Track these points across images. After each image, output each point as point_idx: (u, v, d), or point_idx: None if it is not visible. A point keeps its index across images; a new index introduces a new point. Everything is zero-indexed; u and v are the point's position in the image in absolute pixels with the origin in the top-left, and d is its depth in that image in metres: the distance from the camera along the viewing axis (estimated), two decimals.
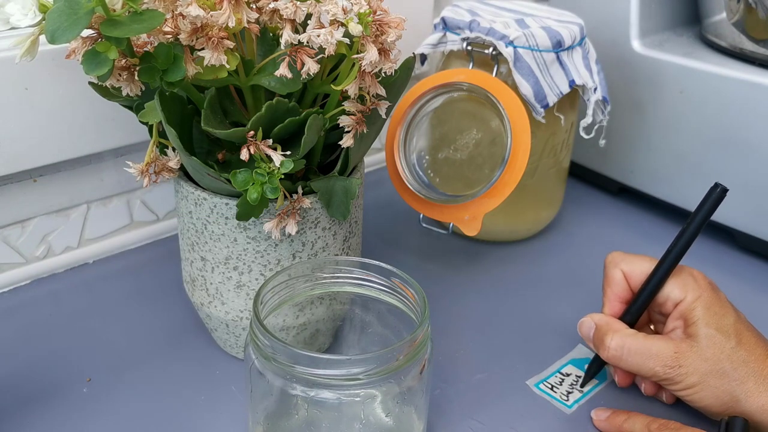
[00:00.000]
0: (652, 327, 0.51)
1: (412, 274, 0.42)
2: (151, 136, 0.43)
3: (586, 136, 0.62)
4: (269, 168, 0.39)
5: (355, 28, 0.36)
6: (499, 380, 0.50)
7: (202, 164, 0.40)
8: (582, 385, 0.50)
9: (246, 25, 0.38)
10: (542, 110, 0.57)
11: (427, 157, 0.59)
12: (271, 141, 0.40)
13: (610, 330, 0.47)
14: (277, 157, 0.39)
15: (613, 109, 0.69)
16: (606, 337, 0.47)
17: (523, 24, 0.57)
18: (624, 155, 0.71)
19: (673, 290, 0.48)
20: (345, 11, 0.36)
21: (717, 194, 0.47)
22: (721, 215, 0.66)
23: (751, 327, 0.46)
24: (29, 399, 0.46)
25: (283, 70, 0.38)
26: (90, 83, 0.42)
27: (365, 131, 0.42)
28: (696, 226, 0.48)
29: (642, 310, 0.49)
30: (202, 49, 0.38)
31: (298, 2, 0.37)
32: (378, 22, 0.37)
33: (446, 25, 0.59)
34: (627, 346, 0.46)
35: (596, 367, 0.50)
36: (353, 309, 0.47)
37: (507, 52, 0.55)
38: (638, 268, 0.50)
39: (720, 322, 0.45)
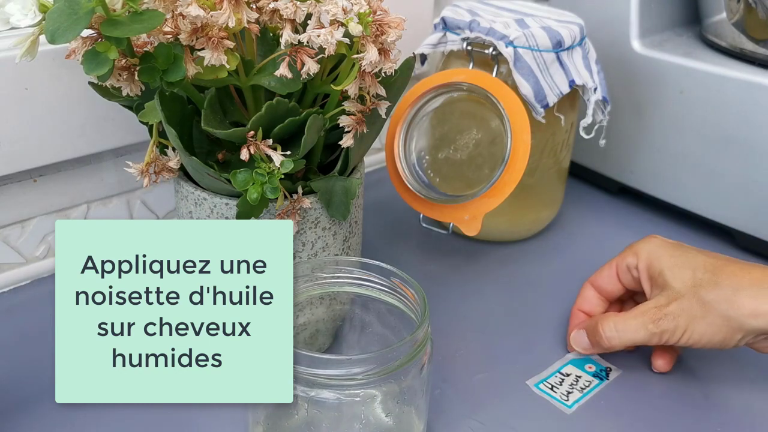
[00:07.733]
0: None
1: (412, 274, 0.42)
2: (151, 136, 0.43)
3: (586, 136, 0.62)
4: (269, 168, 0.39)
5: (355, 28, 0.36)
6: (499, 380, 0.50)
7: (202, 164, 0.40)
8: None
9: (246, 25, 0.38)
10: (542, 110, 0.57)
11: (427, 157, 0.59)
12: (271, 141, 0.40)
13: (597, 320, 0.48)
14: (277, 157, 0.39)
15: (613, 109, 0.69)
16: (597, 327, 0.48)
17: (523, 24, 0.57)
18: (624, 155, 0.71)
19: (626, 258, 0.49)
20: (345, 11, 0.36)
21: None
22: (721, 215, 0.66)
23: (712, 253, 0.47)
24: (29, 399, 0.46)
25: (283, 70, 0.38)
26: (90, 83, 0.42)
27: (365, 131, 0.42)
28: None
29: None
30: (202, 49, 0.38)
31: (298, 2, 0.37)
32: (378, 22, 0.37)
33: (446, 25, 0.59)
34: (616, 322, 0.47)
35: None
36: (353, 309, 0.47)
37: (507, 52, 0.55)
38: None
39: (681, 260, 0.46)
